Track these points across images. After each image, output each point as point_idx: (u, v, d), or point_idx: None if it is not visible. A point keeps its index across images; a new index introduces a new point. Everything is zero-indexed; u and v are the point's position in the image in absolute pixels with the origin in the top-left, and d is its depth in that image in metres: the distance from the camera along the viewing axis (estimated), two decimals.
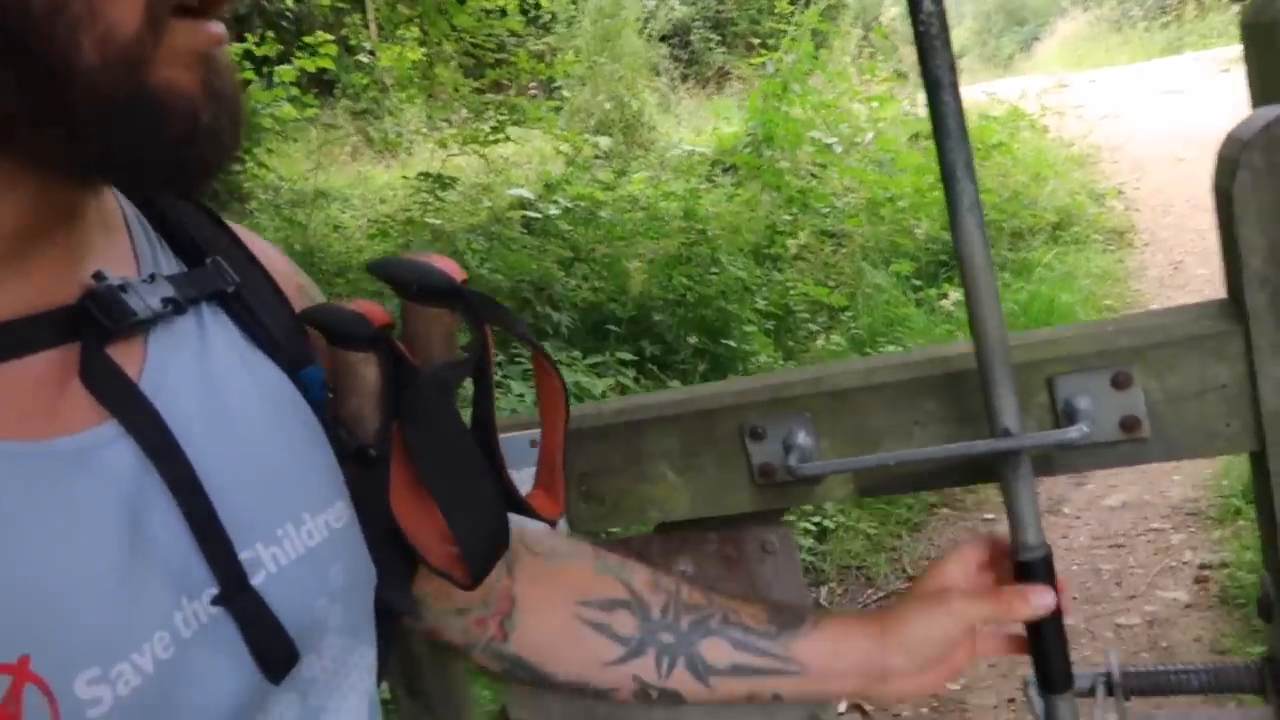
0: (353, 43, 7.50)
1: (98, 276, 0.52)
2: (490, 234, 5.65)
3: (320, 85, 8.28)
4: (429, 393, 0.65)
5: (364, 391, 0.65)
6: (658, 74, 10.45)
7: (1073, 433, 0.78)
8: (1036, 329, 1.00)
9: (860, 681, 0.79)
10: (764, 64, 7.19)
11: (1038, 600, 0.76)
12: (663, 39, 11.08)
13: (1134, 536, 3.03)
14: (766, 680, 0.79)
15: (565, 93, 8.75)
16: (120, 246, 0.58)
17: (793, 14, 8.28)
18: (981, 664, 2.57)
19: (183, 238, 0.62)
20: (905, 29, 10.59)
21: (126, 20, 0.45)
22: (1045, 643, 0.79)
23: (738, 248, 5.08)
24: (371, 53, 7.32)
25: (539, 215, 5.66)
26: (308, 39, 6.13)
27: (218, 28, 0.50)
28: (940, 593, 0.78)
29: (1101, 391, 0.81)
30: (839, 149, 6.63)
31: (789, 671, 0.79)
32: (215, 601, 0.52)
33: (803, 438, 0.88)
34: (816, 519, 3.33)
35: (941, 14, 0.70)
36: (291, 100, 5.91)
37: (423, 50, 6.73)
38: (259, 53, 5.79)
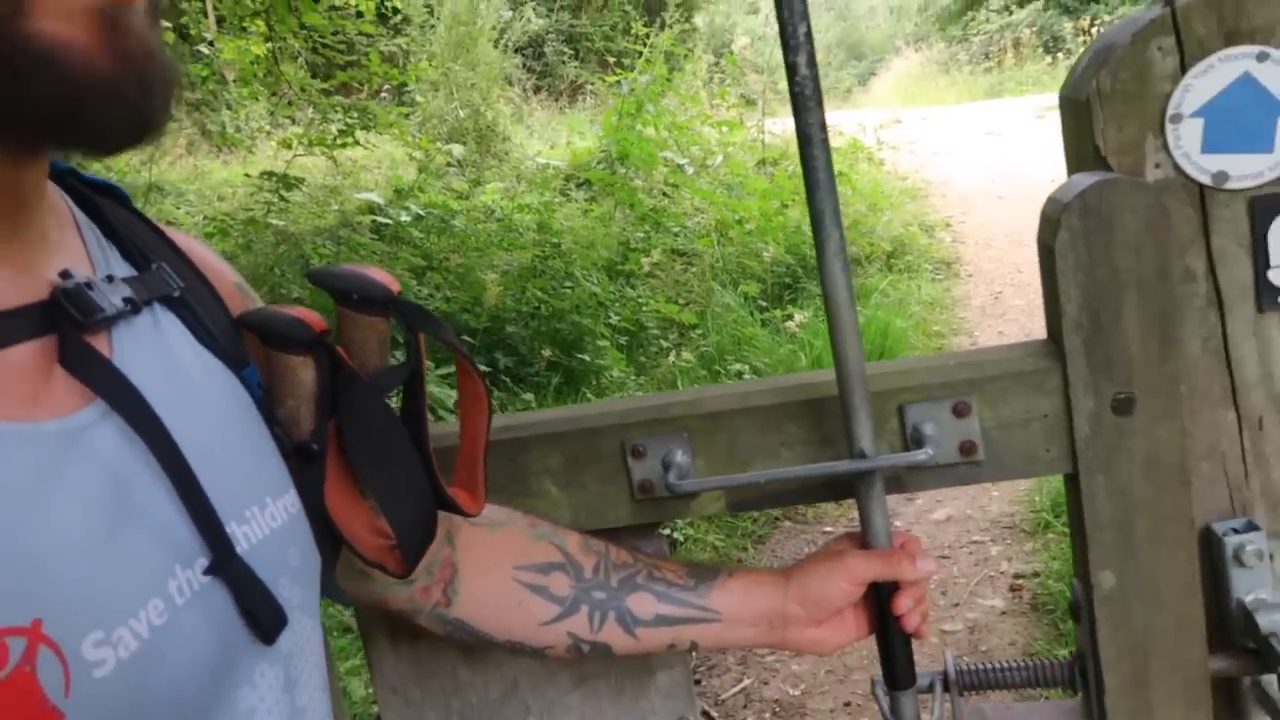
0: (192, 31, 7.17)
1: (64, 275, 0.54)
2: (339, 238, 5.52)
3: None
4: (370, 394, 0.70)
5: (301, 393, 0.68)
6: (510, 84, 10.45)
7: (920, 455, 0.87)
8: (887, 360, 1.10)
9: (763, 627, 0.88)
10: (619, 83, 7.31)
11: (924, 564, 0.88)
12: (517, 50, 11.09)
13: (957, 548, 3.26)
14: (686, 629, 0.87)
15: (418, 98, 8.63)
16: (75, 248, 0.59)
17: (648, 35, 8.46)
18: (820, 670, 2.71)
19: (128, 243, 0.64)
20: (754, 57, 10.99)
21: None
22: (893, 646, 0.90)
23: (592, 263, 5.15)
24: (211, 43, 7.02)
25: (390, 221, 5.58)
26: None
27: None
28: (839, 552, 0.89)
29: (944, 418, 0.91)
30: (690, 170, 6.81)
31: (707, 620, 0.87)
32: (208, 570, 0.54)
33: (680, 456, 0.94)
34: (666, 531, 3.42)
35: (815, 78, 0.77)
36: None
37: (268, 45, 6.51)
38: None
